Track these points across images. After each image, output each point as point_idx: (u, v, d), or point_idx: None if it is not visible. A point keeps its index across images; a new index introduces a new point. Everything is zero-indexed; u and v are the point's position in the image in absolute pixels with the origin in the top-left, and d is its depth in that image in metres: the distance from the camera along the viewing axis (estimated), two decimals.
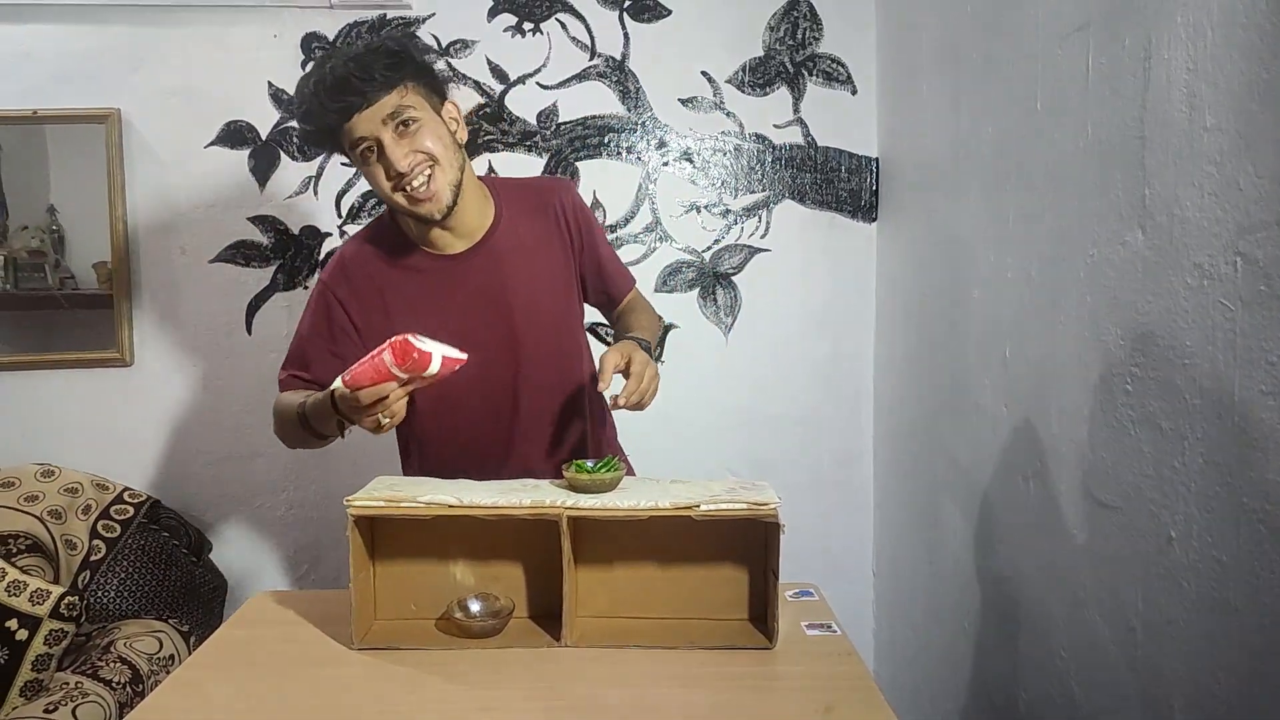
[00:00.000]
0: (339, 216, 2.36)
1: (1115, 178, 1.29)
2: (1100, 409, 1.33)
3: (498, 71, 2.35)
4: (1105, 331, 1.32)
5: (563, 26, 2.34)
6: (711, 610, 1.33)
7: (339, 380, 1.23)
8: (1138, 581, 1.25)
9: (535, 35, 2.35)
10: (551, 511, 1.24)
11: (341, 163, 1.44)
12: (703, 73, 2.37)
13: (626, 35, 2.35)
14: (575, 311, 1.63)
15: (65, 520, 2.04)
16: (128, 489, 2.21)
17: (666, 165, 2.39)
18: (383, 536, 1.34)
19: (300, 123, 1.48)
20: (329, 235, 2.36)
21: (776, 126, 2.39)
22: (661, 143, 2.38)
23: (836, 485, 2.46)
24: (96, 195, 2.28)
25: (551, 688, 1.17)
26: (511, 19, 2.34)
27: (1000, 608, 1.69)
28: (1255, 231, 1.02)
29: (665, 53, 2.36)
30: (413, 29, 2.32)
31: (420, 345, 1.18)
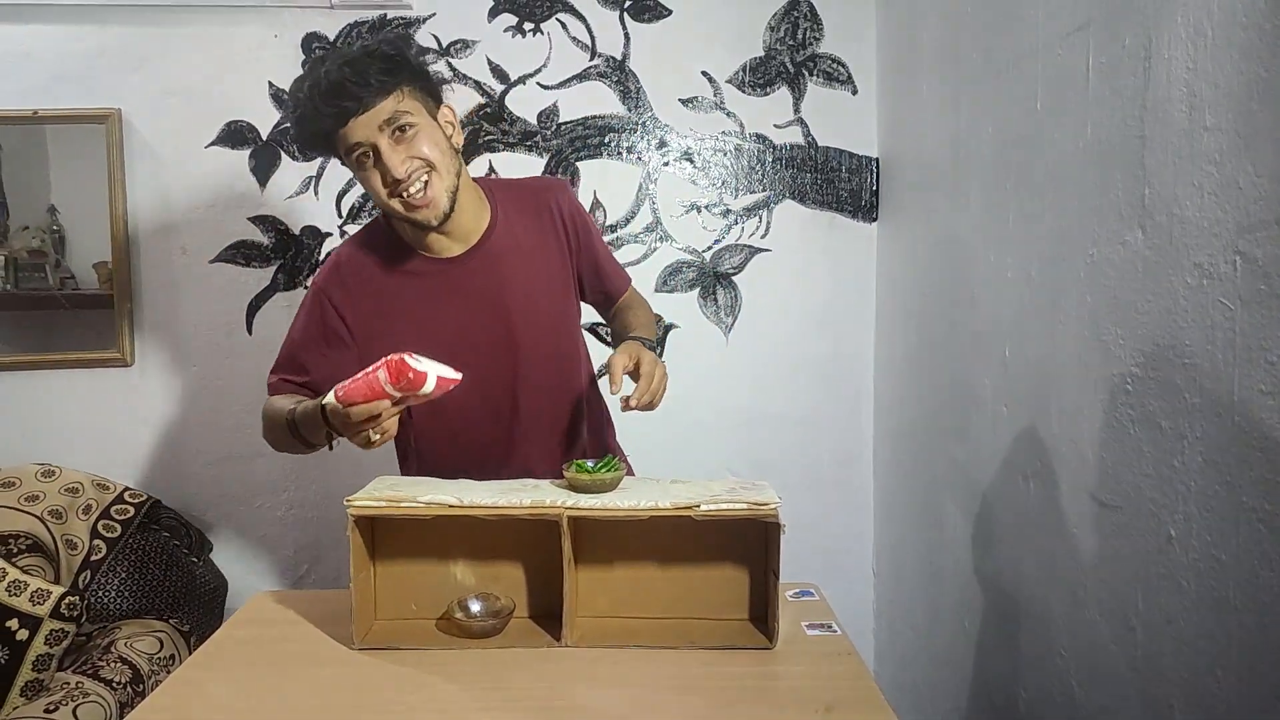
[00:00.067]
0: (339, 216, 2.36)
1: (1115, 178, 1.29)
2: (1100, 409, 1.33)
3: (498, 71, 2.35)
4: (1105, 331, 1.32)
5: (563, 26, 2.34)
6: (712, 610, 1.33)
7: (331, 394, 1.21)
8: (1138, 581, 1.25)
9: (536, 35, 2.35)
10: (552, 511, 1.24)
11: (342, 163, 1.43)
12: (703, 73, 2.37)
13: (627, 35, 2.35)
14: (573, 312, 1.62)
15: (66, 520, 2.04)
16: (128, 489, 2.21)
17: (667, 165, 2.39)
18: (383, 536, 1.34)
19: (294, 127, 1.46)
20: (329, 235, 2.36)
21: (777, 126, 2.39)
22: (662, 143, 2.38)
23: (836, 485, 2.46)
24: (97, 195, 2.28)
25: (551, 688, 1.17)
26: (512, 19, 2.34)
27: (1000, 608, 1.69)
28: (1255, 231, 1.02)
29: (666, 53, 2.36)
30: (413, 29, 2.32)
31: (416, 365, 1.16)
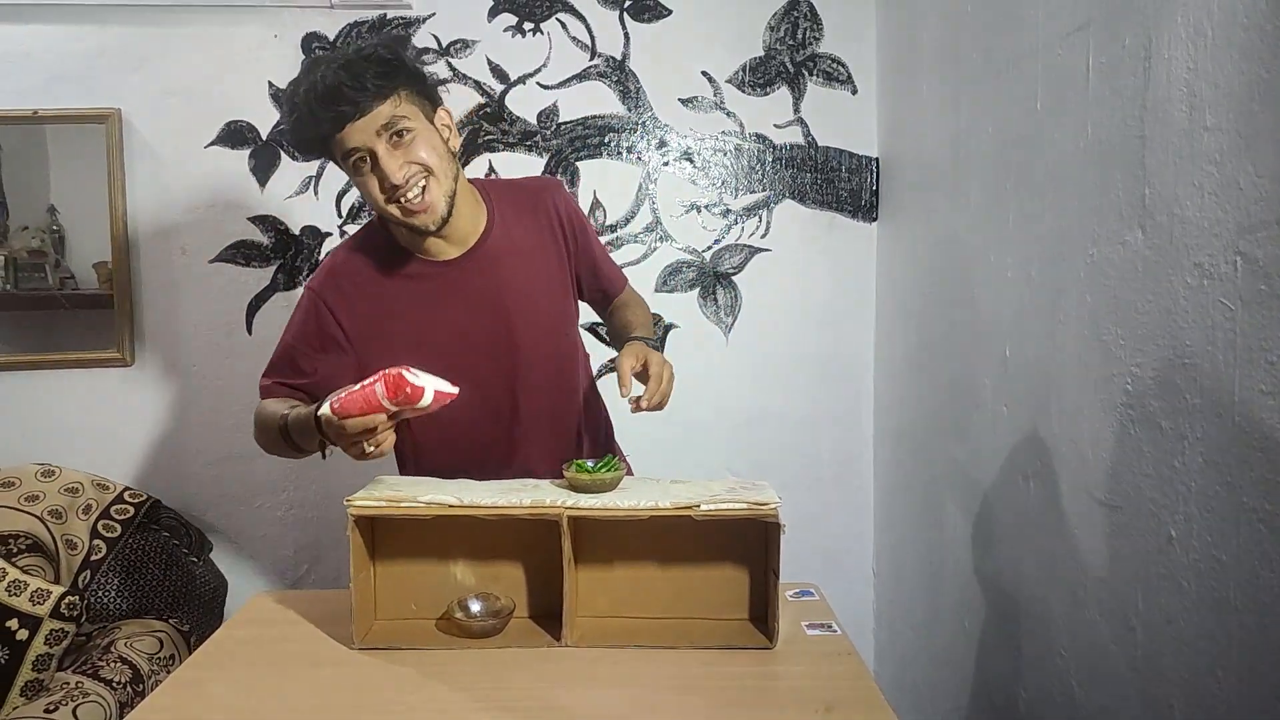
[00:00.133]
0: (339, 216, 2.36)
1: (1115, 177, 1.29)
2: (1100, 409, 1.33)
3: (498, 71, 2.35)
4: (1105, 331, 1.32)
5: (563, 26, 2.34)
6: (712, 610, 1.33)
7: (326, 405, 1.19)
8: (1138, 581, 1.25)
9: (535, 35, 2.35)
10: (552, 511, 1.24)
11: (339, 167, 1.42)
12: (703, 73, 2.37)
13: (627, 35, 2.35)
14: (572, 312, 1.62)
15: (66, 520, 2.03)
16: (128, 489, 2.21)
17: (667, 165, 2.39)
18: (383, 536, 1.34)
19: (290, 131, 1.44)
20: (329, 235, 2.36)
21: (777, 126, 2.39)
22: (662, 142, 2.38)
23: (836, 485, 2.46)
24: (97, 195, 2.28)
25: (551, 688, 1.17)
26: (512, 19, 2.34)
27: (1000, 608, 1.69)
28: (1255, 231, 1.02)
29: (665, 53, 2.36)
30: (413, 29, 2.32)
31: (414, 380, 1.14)
